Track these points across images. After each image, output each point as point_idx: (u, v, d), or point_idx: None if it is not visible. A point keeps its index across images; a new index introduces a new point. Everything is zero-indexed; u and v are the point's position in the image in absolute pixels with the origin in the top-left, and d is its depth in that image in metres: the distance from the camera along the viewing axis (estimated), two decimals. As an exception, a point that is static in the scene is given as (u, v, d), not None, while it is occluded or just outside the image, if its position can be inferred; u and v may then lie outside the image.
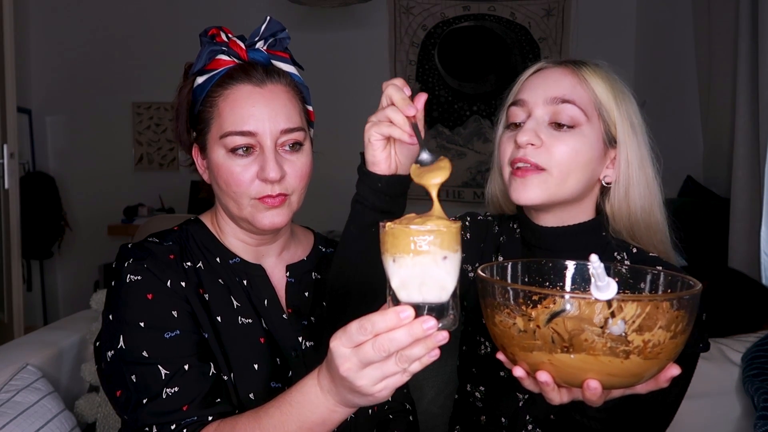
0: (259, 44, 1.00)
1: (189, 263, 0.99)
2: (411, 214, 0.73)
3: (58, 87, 4.16)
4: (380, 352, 0.64)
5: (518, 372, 0.70)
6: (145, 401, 0.88)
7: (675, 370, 0.69)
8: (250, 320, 1.00)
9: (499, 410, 1.07)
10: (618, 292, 0.63)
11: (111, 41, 4.12)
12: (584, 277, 0.79)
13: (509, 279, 0.79)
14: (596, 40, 3.74)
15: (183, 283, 0.96)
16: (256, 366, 0.97)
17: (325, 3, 3.34)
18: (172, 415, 0.87)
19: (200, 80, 0.99)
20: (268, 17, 1.00)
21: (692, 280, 0.69)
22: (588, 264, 0.65)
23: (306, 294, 1.08)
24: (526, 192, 0.96)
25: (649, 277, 0.76)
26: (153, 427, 0.87)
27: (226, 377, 0.94)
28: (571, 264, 0.81)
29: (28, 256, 3.82)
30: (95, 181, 4.17)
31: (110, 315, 0.94)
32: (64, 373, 1.45)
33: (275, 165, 0.94)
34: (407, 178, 0.89)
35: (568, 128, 0.96)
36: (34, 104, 4.13)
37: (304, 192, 1.00)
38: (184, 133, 1.04)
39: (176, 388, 0.88)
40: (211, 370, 0.92)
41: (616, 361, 0.63)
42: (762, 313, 1.99)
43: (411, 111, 0.82)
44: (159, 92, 3.97)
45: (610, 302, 0.62)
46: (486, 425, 1.09)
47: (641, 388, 0.71)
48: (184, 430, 0.86)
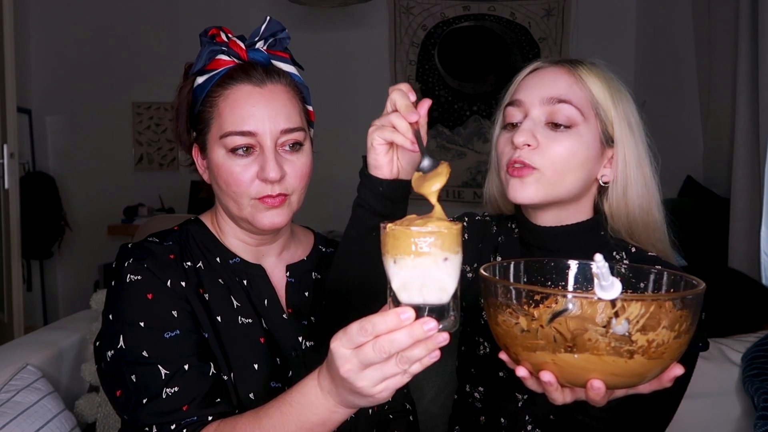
0: (259, 44, 1.00)
1: (189, 263, 0.99)
2: (412, 216, 0.73)
3: (58, 87, 4.16)
4: (381, 354, 0.64)
5: (521, 372, 0.70)
6: (145, 401, 0.88)
7: (678, 370, 0.68)
8: (250, 320, 1.00)
9: (499, 411, 1.06)
10: (621, 292, 0.63)
11: (111, 41, 4.12)
12: (586, 277, 0.79)
13: (511, 279, 0.79)
14: (596, 40, 3.74)
15: (183, 283, 0.96)
16: (256, 366, 0.97)
17: (325, 3, 3.34)
18: (172, 415, 0.87)
19: (200, 80, 0.99)
20: (268, 17, 1.00)
21: (695, 279, 0.69)
22: (591, 264, 0.64)
23: (306, 294, 1.08)
24: (523, 191, 0.96)
25: (652, 277, 0.75)
26: (153, 427, 0.87)
27: (226, 377, 0.94)
28: (573, 263, 0.80)
29: (28, 256, 3.82)
30: (95, 181, 4.18)
31: (110, 315, 0.94)
32: (64, 373, 1.45)
33: (275, 165, 0.94)
34: (409, 183, 0.88)
35: (564, 128, 0.96)
36: (34, 104, 4.13)
37: (304, 192, 1.00)
38: (184, 133, 1.04)
39: (176, 388, 0.88)
40: (211, 370, 0.92)
41: (620, 361, 0.63)
42: (762, 313, 1.99)
43: (413, 117, 0.83)
44: (159, 92, 3.97)
45: (614, 302, 0.62)
46: (485, 426, 1.08)
47: (644, 388, 0.70)
48: (184, 430, 0.86)
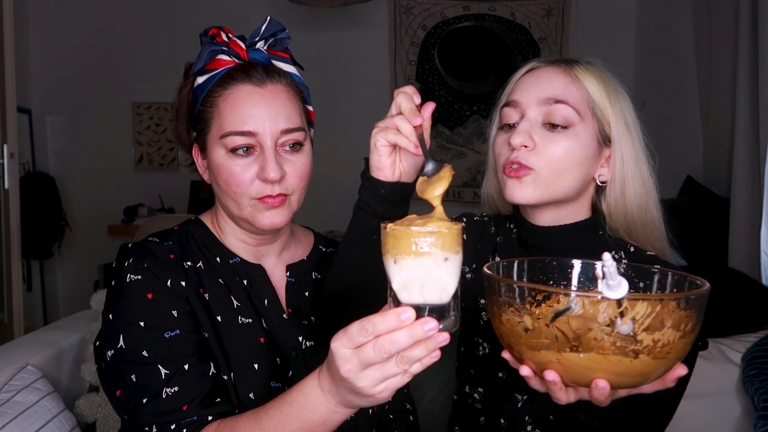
0: (259, 44, 1.00)
1: (189, 263, 0.99)
2: (412, 216, 0.73)
3: (58, 87, 4.16)
4: (381, 354, 0.64)
5: (525, 371, 0.69)
6: (144, 401, 0.88)
7: (682, 370, 0.68)
8: (250, 320, 1.00)
9: (498, 411, 1.06)
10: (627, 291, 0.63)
11: (111, 41, 4.12)
12: (588, 276, 0.79)
13: (515, 278, 0.79)
14: (596, 40, 3.74)
15: (183, 283, 0.96)
16: (256, 366, 0.97)
17: (325, 3, 3.34)
18: (172, 415, 0.87)
19: (200, 80, 0.99)
20: (269, 17, 1.00)
21: (699, 279, 0.69)
22: (595, 263, 0.64)
23: (306, 294, 1.08)
24: (521, 191, 0.96)
25: (656, 277, 0.75)
26: (153, 427, 0.87)
27: (226, 377, 0.94)
28: (576, 263, 0.80)
29: (28, 256, 3.82)
30: (95, 181, 4.18)
31: (110, 314, 0.94)
32: (64, 373, 1.45)
33: (275, 165, 0.94)
34: (410, 186, 0.88)
35: (561, 129, 0.96)
36: (34, 104, 4.13)
37: (304, 192, 1.00)
38: (184, 133, 1.04)
39: (176, 388, 0.88)
40: (211, 369, 0.92)
41: (626, 361, 0.63)
42: (762, 313, 1.99)
43: (417, 121, 0.82)
44: (159, 92, 3.97)
45: (620, 301, 0.62)
46: (485, 426, 1.08)
47: (647, 388, 0.70)
48: (184, 430, 0.86)
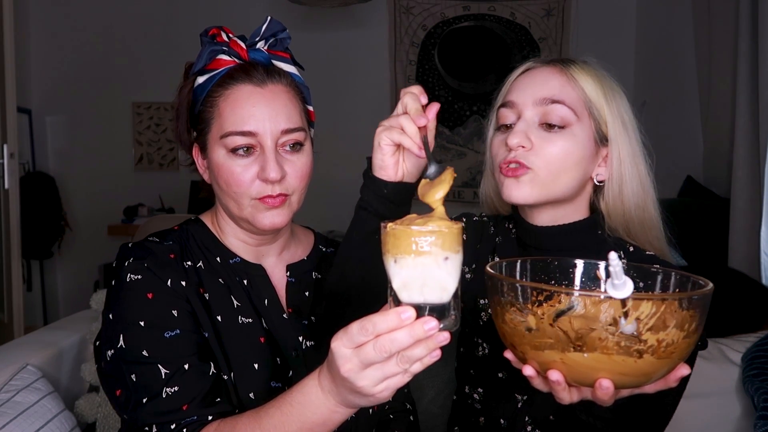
0: (259, 44, 1.00)
1: (189, 263, 0.99)
2: (412, 215, 0.73)
3: (58, 87, 4.16)
4: (381, 353, 0.64)
5: (528, 371, 0.69)
6: (144, 401, 0.88)
7: (685, 371, 0.68)
8: (250, 320, 1.00)
9: (498, 412, 1.06)
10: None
11: (111, 41, 4.12)
12: (590, 276, 0.79)
13: (517, 278, 0.79)
14: (596, 40, 3.74)
15: (183, 283, 0.96)
16: (256, 366, 0.97)
17: (325, 3, 3.34)
18: (172, 415, 0.87)
19: (201, 80, 0.99)
20: (269, 17, 1.00)
21: (702, 279, 0.69)
22: (598, 263, 0.64)
23: (306, 294, 1.08)
24: (518, 190, 0.96)
25: (659, 277, 0.75)
26: (153, 427, 0.87)
27: (226, 377, 0.94)
28: (579, 263, 0.80)
29: (28, 256, 3.82)
30: (95, 181, 4.18)
31: (110, 314, 0.93)
32: (64, 373, 1.45)
33: (276, 165, 0.94)
34: (413, 187, 0.88)
35: (558, 129, 0.96)
36: (34, 104, 4.13)
37: (304, 192, 1.00)
38: (185, 132, 1.04)
39: (176, 388, 0.88)
40: (211, 369, 0.92)
41: (630, 361, 0.62)
42: (762, 313, 1.99)
43: (422, 121, 0.82)
44: (159, 92, 3.97)
45: (624, 301, 0.62)
46: (485, 427, 1.08)
47: (650, 388, 0.70)
48: (184, 430, 0.86)
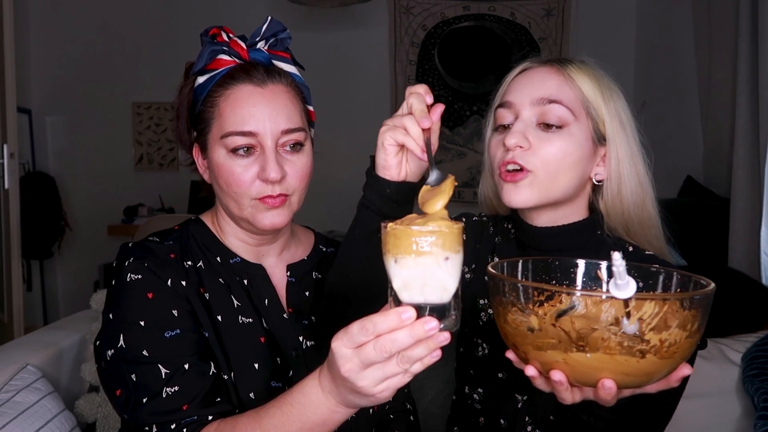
0: (260, 44, 1.00)
1: (189, 262, 0.99)
2: (413, 215, 0.73)
3: (58, 87, 4.16)
4: (382, 353, 0.64)
5: (530, 371, 0.69)
6: (145, 400, 0.88)
7: (687, 370, 0.68)
8: (250, 320, 1.00)
9: (498, 412, 1.06)
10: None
11: (111, 41, 4.12)
12: (591, 276, 0.79)
13: (519, 278, 0.78)
14: (596, 40, 3.75)
15: (183, 283, 0.96)
16: (256, 365, 0.97)
17: (325, 3, 3.34)
18: (172, 415, 0.87)
19: (201, 80, 0.99)
20: (269, 17, 1.00)
21: (704, 279, 0.69)
22: (599, 263, 0.64)
23: (306, 293, 1.08)
24: (518, 195, 0.96)
25: (661, 277, 0.75)
26: (153, 427, 0.87)
27: (227, 377, 0.94)
28: (580, 263, 0.80)
29: (28, 256, 3.82)
30: (95, 181, 4.18)
31: (110, 314, 0.93)
32: (64, 373, 1.45)
33: (276, 165, 0.94)
34: (416, 187, 0.88)
35: (556, 128, 0.96)
36: (34, 104, 4.13)
37: (304, 192, 1.00)
38: (185, 132, 1.04)
39: (176, 388, 0.88)
40: (211, 369, 0.92)
41: (632, 361, 0.62)
42: (762, 313, 1.99)
43: (426, 123, 0.82)
44: (159, 92, 3.97)
45: (627, 301, 0.62)
46: (485, 427, 1.08)
47: (651, 388, 0.70)
48: (184, 430, 0.86)
